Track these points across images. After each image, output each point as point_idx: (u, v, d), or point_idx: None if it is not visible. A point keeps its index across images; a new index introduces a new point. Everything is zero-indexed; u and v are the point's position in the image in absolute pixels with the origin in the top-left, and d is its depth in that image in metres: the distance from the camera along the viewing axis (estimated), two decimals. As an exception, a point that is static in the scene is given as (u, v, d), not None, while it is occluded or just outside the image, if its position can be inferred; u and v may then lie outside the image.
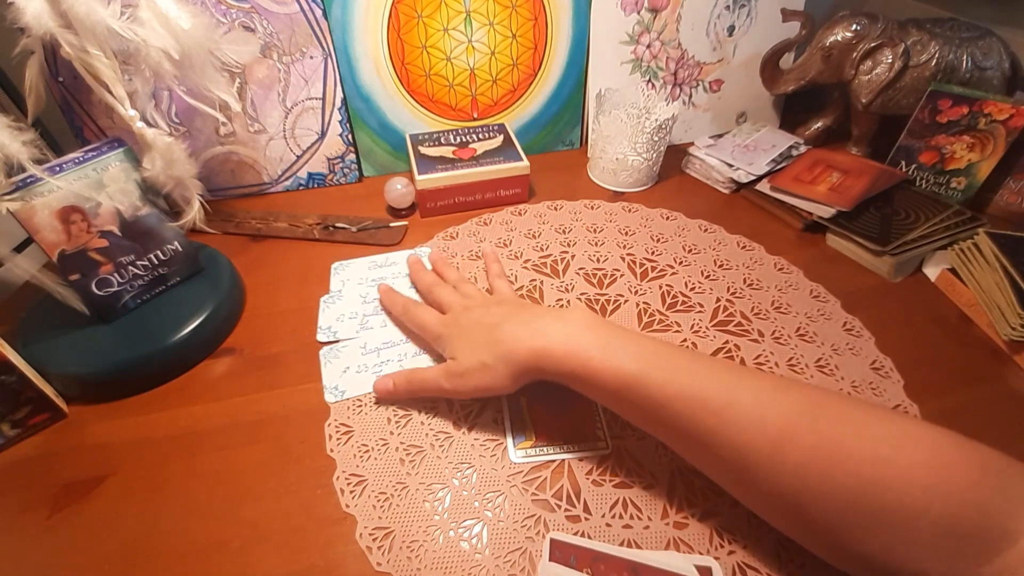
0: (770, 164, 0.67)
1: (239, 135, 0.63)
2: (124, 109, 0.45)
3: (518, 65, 0.69)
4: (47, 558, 0.36)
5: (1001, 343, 0.48)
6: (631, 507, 0.37)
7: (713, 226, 0.62)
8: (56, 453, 0.41)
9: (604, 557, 0.28)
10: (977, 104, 0.58)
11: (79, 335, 0.46)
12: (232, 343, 0.50)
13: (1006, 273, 0.48)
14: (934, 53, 0.62)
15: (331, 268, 0.56)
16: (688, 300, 0.53)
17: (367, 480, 0.39)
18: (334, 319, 0.51)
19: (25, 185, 0.40)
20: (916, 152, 0.64)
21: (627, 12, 0.68)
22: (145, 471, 0.40)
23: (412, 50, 0.65)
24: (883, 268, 0.55)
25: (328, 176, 0.69)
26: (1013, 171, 0.60)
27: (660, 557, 0.28)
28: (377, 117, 0.68)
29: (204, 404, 0.44)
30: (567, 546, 0.29)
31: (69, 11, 0.40)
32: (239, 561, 0.35)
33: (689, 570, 0.28)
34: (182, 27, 0.45)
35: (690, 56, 0.72)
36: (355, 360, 0.47)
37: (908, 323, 0.51)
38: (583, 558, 0.28)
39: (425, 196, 0.62)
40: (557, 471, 0.39)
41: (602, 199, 0.66)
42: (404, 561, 0.35)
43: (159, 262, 0.49)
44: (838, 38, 0.65)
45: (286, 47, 0.60)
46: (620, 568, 0.28)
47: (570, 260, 0.57)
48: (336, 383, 0.45)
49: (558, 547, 0.29)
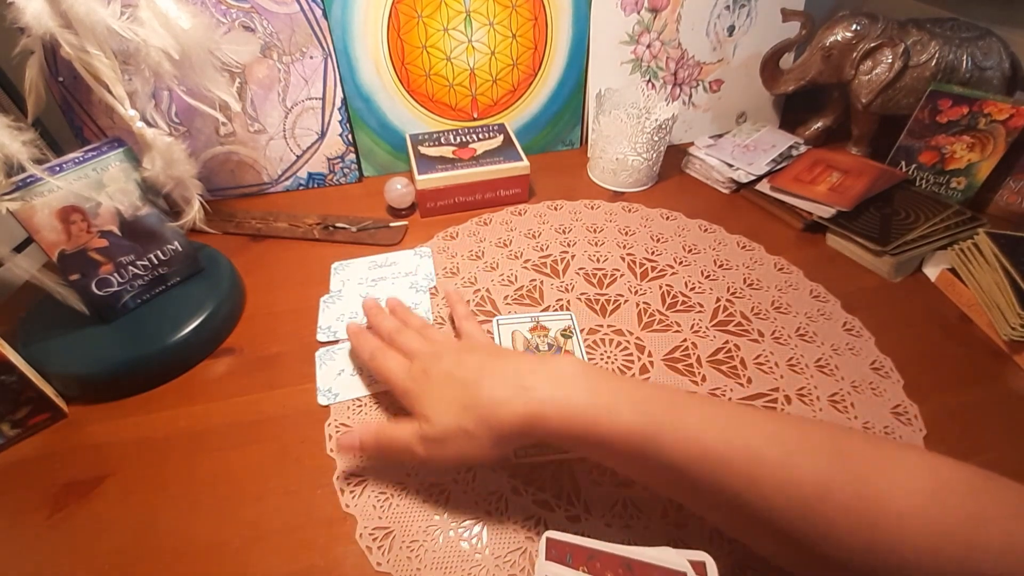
0: (770, 164, 0.67)
1: (239, 135, 0.63)
2: (124, 109, 0.45)
3: (518, 65, 0.69)
4: (47, 558, 0.36)
5: (1001, 343, 0.48)
6: (631, 507, 0.37)
7: (713, 226, 0.62)
8: (56, 453, 0.41)
9: (599, 554, 0.28)
10: (977, 104, 0.58)
11: (79, 335, 0.46)
12: (232, 343, 0.50)
13: (1006, 273, 0.48)
14: (934, 53, 0.62)
15: (331, 268, 0.57)
16: (688, 300, 0.53)
17: (367, 480, 0.39)
18: (334, 319, 0.51)
19: (25, 185, 0.40)
20: (916, 152, 0.64)
21: (627, 12, 0.68)
22: (145, 471, 0.40)
23: (412, 50, 0.65)
24: (883, 268, 0.55)
25: (328, 176, 0.69)
26: (1013, 171, 0.60)
27: (654, 553, 0.28)
28: (377, 117, 0.68)
29: (204, 404, 0.44)
30: (563, 544, 0.29)
31: (69, 11, 0.40)
32: (239, 561, 0.35)
33: (683, 565, 0.28)
34: (182, 27, 0.45)
35: (690, 56, 0.72)
36: (351, 362, 0.47)
37: (908, 323, 0.51)
38: (579, 556, 0.28)
39: (425, 196, 0.62)
40: (557, 471, 0.39)
41: (602, 199, 0.66)
42: (404, 561, 0.35)
43: (159, 262, 0.49)
44: (838, 38, 0.65)
45: (286, 47, 0.60)
46: (615, 565, 0.28)
47: (570, 260, 0.57)
48: (330, 385, 0.45)
49: (554, 546, 0.29)
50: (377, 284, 0.54)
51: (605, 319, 0.51)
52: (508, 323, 0.50)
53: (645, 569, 0.28)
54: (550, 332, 0.49)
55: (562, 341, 0.48)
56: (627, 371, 0.46)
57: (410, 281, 0.54)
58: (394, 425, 0.36)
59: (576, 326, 0.49)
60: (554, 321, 0.50)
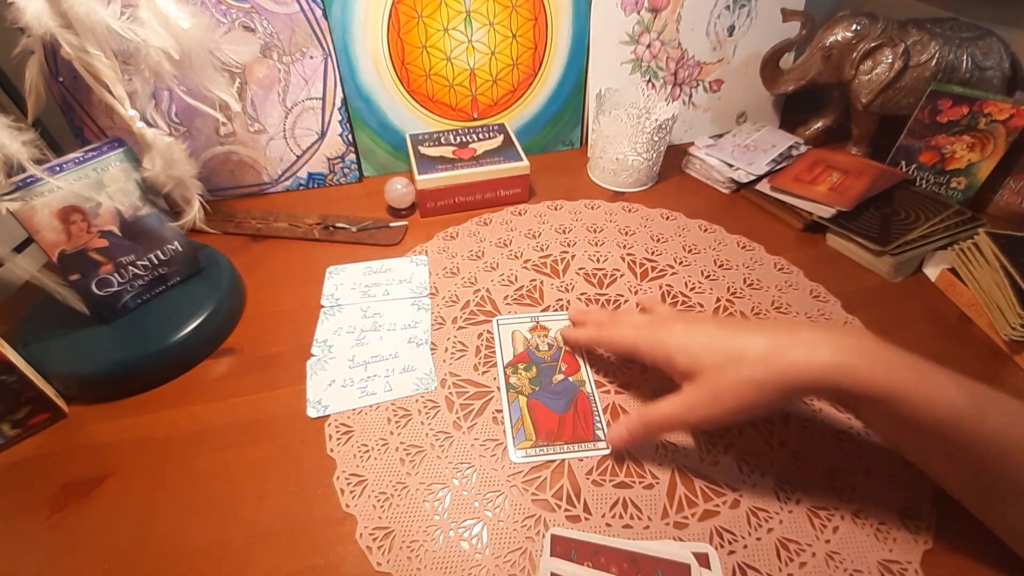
0: (770, 164, 0.67)
1: (239, 135, 0.63)
2: (124, 109, 0.45)
3: (518, 65, 0.69)
4: (47, 558, 0.36)
5: (1001, 343, 0.48)
6: (631, 507, 0.37)
7: (713, 226, 0.62)
8: (56, 453, 0.41)
9: (604, 550, 0.28)
10: (977, 104, 0.58)
11: (79, 335, 0.46)
12: (232, 343, 0.50)
13: (1006, 273, 0.48)
14: (934, 53, 0.62)
15: (325, 272, 0.56)
16: (688, 300, 0.53)
17: (367, 480, 0.39)
18: (331, 332, 0.50)
19: (25, 185, 0.40)
20: (916, 152, 0.64)
21: (627, 12, 0.68)
22: (145, 471, 0.40)
23: (412, 50, 0.65)
24: (883, 268, 0.55)
25: (328, 176, 0.69)
26: (1013, 171, 0.60)
27: (658, 546, 0.28)
28: (377, 117, 0.68)
29: (204, 404, 0.44)
30: (568, 541, 0.29)
31: (69, 11, 0.40)
32: (239, 561, 0.35)
33: (687, 557, 0.28)
34: (182, 27, 0.45)
35: (690, 56, 0.72)
36: (341, 373, 0.46)
37: (908, 323, 0.51)
38: (583, 552, 0.28)
39: (425, 196, 0.62)
40: (557, 471, 0.39)
41: (602, 199, 0.66)
42: (404, 561, 0.35)
43: (159, 262, 0.49)
44: (838, 38, 0.65)
45: (286, 47, 0.60)
46: (620, 559, 0.28)
47: (570, 260, 0.57)
48: (320, 397, 0.44)
49: (559, 542, 0.29)
50: (371, 290, 0.54)
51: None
52: (508, 323, 0.50)
53: (649, 562, 0.28)
54: (550, 332, 0.49)
55: (562, 341, 0.48)
56: (627, 371, 0.46)
57: (408, 289, 0.54)
58: (655, 405, 0.36)
59: None
60: (554, 321, 0.50)
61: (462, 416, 0.43)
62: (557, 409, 0.43)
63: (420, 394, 0.44)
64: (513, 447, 0.41)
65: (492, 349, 0.48)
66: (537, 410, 0.43)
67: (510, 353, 0.48)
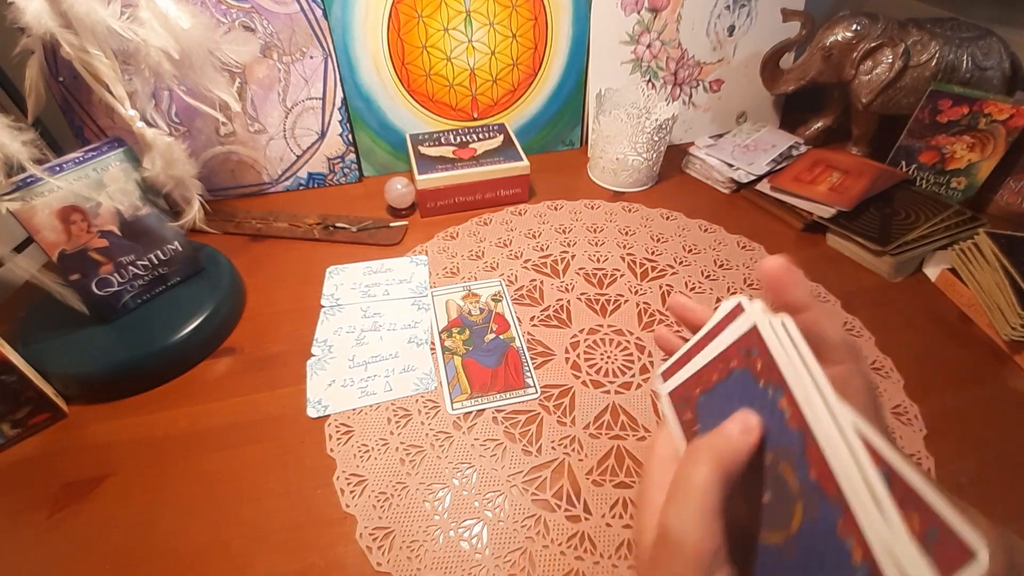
0: (770, 164, 0.67)
1: (239, 135, 0.63)
2: (124, 109, 0.45)
3: (518, 65, 0.69)
4: (47, 558, 0.36)
5: (1001, 343, 0.48)
6: (631, 507, 0.37)
7: (713, 226, 0.62)
8: (56, 453, 0.41)
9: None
10: (977, 104, 0.58)
11: (79, 335, 0.46)
12: (232, 343, 0.50)
13: (1006, 273, 0.48)
14: (934, 53, 0.62)
15: (325, 272, 0.56)
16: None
17: (367, 480, 0.39)
18: (331, 332, 0.50)
19: (25, 185, 0.40)
20: (916, 152, 0.64)
21: (627, 12, 0.68)
22: (145, 471, 0.40)
23: (412, 50, 0.65)
24: (883, 268, 0.55)
25: (328, 176, 0.69)
26: (1013, 171, 0.60)
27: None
28: (377, 117, 0.68)
29: (204, 404, 0.44)
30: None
31: (69, 11, 0.40)
32: (239, 561, 0.35)
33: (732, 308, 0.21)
34: (182, 27, 0.45)
35: (690, 56, 0.72)
36: (341, 373, 0.46)
37: (908, 323, 0.51)
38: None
39: (425, 196, 0.62)
40: (557, 471, 0.39)
41: (602, 199, 0.66)
42: (404, 561, 0.35)
43: (159, 262, 0.49)
44: (838, 38, 0.65)
45: (286, 47, 0.60)
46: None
47: (570, 260, 0.57)
48: (320, 397, 0.44)
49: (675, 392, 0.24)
50: (371, 290, 0.54)
51: (605, 319, 0.51)
52: (442, 294, 0.53)
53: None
54: (481, 298, 0.52)
55: (493, 305, 0.52)
56: (627, 371, 0.46)
57: (408, 288, 0.54)
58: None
59: (506, 291, 0.53)
60: (484, 288, 0.53)
61: (462, 416, 0.43)
62: (490, 364, 0.46)
63: (420, 394, 0.44)
64: (450, 402, 0.43)
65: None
66: (471, 367, 0.46)
67: (444, 319, 0.50)
